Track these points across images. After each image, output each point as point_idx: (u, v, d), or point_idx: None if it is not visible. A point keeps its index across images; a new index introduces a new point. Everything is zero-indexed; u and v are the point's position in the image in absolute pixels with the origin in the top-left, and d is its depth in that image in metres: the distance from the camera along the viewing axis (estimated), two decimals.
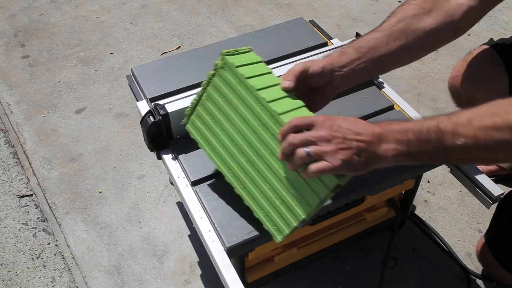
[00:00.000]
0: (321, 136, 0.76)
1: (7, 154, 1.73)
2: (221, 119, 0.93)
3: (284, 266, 1.21)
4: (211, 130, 0.95)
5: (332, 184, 0.80)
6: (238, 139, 0.91)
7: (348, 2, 2.45)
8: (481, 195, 1.10)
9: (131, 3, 2.50)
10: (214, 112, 0.93)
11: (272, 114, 0.84)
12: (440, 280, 1.35)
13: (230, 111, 0.91)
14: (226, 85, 0.90)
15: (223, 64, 0.89)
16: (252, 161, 0.89)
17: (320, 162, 0.76)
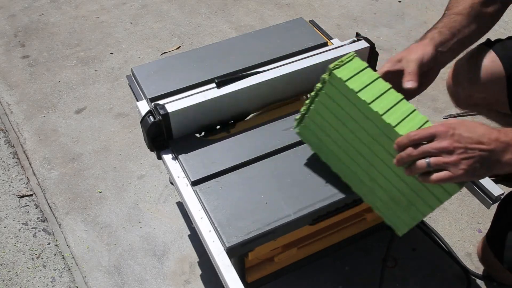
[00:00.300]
0: (443, 147, 0.78)
1: (7, 154, 1.73)
2: (332, 128, 0.97)
3: (284, 266, 1.21)
4: (321, 136, 1.00)
5: (454, 192, 0.83)
6: (351, 147, 0.95)
7: (348, 2, 2.45)
8: (481, 195, 1.10)
9: (131, 3, 2.50)
10: (323, 121, 0.98)
11: (387, 127, 0.86)
12: (440, 280, 1.35)
13: (341, 123, 0.94)
14: (335, 100, 0.93)
15: (331, 79, 0.92)
16: (367, 166, 0.94)
17: (442, 172, 0.78)
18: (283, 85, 1.20)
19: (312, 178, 1.03)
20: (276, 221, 0.96)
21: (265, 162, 1.08)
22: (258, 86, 1.16)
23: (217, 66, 1.25)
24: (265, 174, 1.05)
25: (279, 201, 0.99)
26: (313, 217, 0.99)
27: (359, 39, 1.27)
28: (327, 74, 0.93)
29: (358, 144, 0.94)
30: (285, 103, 1.25)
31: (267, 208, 0.98)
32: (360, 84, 0.89)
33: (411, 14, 2.38)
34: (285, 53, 1.28)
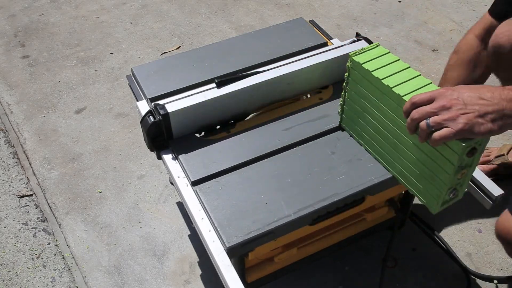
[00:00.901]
0: (441, 105, 0.79)
1: (7, 154, 1.73)
2: (363, 112, 1.03)
3: (284, 266, 1.21)
4: (358, 123, 1.06)
5: (459, 150, 0.82)
6: (379, 127, 1.01)
7: (348, 2, 2.45)
8: (481, 195, 1.10)
9: (131, 3, 2.50)
10: (356, 107, 1.04)
11: (398, 98, 0.91)
12: (440, 280, 1.35)
13: (367, 104, 1.01)
14: (359, 84, 1.00)
15: (352, 65, 1.00)
16: (395, 144, 0.98)
17: (442, 129, 0.79)
18: (283, 85, 1.20)
19: (312, 178, 1.03)
20: (276, 221, 0.96)
21: (265, 162, 1.08)
22: (258, 86, 1.16)
23: (217, 66, 1.25)
24: (265, 174, 1.05)
25: (279, 201, 0.99)
26: (313, 217, 0.99)
27: (359, 39, 1.27)
28: (349, 62, 1.00)
29: (384, 123, 0.99)
30: (285, 103, 1.25)
31: (267, 208, 0.98)
32: (376, 65, 0.96)
33: (411, 14, 2.38)
34: (285, 53, 1.28)
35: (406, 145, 0.96)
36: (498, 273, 1.37)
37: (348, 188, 1.01)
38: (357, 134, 1.09)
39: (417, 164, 0.96)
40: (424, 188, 0.97)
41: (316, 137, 1.13)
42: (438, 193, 0.94)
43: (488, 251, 1.41)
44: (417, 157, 0.95)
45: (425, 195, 0.98)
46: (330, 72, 1.24)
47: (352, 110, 1.06)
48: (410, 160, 0.97)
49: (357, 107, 1.04)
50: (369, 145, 1.07)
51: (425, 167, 0.94)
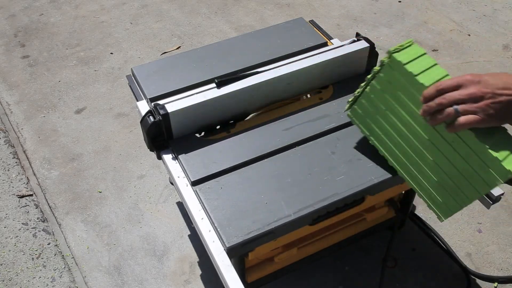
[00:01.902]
0: (471, 93, 0.78)
1: (7, 154, 1.73)
2: (386, 110, 0.99)
3: (284, 266, 1.21)
4: (374, 119, 1.03)
5: (503, 175, 0.83)
6: (404, 130, 0.98)
7: (348, 2, 2.45)
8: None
9: (131, 3, 2.50)
10: (378, 104, 1.00)
11: None
12: (440, 280, 1.35)
13: (397, 105, 0.96)
14: (392, 83, 0.95)
15: (390, 62, 0.94)
16: (417, 149, 0.96)
17: (470, 115, 0.79)
18: (283, 85, 1.20)
19: (312, 178, 1.03)
20: (276, 221, 0.96)
21: (265, 162, 1.08)
22: (258, 86, 1.16)
23: (217, 66, 1.25)
24: (265, 174, 1.05)
25: (279, 201, 0.99)
26: (313, 217, 0.99)
27: (359, 39, 1.27)
28: (386, 57, 0.95)
29: (411, 127, 0.96)
30: (285, 103, 1.25)
31: (267, 208, 0.98)
32: (419, 68, 0.92)
33: (411, 14, 2.38)
34: (285, 53, 1.28)
35: (435, 155, 0.94)
36: (498, 273, 1.37)
37: (348, 188, 1.01)
38: (368, 128, 1.05)
39: (441, 175, 0.94)
40: (440, 197, 0.96)
41: (316, 137, 1.13)
42: (457, 206, 0.93)
43: (488, 251, 1.41)
44: (445, 169, 0.93)
45: (438, 204, 0.97)
46: (330, 72, 1.24)
47: (371, 105, 1.02)
48: (433, 169, 0.95)
49: (380, 104, 1.00)
50: (380, 142, 1.04)
51: (450, 180, 0.93)
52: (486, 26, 2.27)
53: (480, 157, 0.86)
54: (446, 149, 0.92)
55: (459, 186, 0.92)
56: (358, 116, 1.07)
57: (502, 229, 1.47)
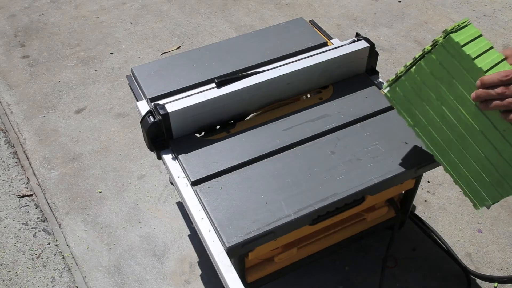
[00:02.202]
0: None
1: (7, 154, 1.73)
2: (431, 93, 0.94)
3: (284, 266, 1.21)
4: (415, 101, 0.97)
5: None
6: (449, 115, 0.93)
7: (348, 2, 2.45)
8: None
9: (131, 3, 2.50)
10: (422, 86, 0.95)
11: None
12: (440, 280, 1.35)
13: (445, 88, 0.91)
14: (444, 64, 0.90)
15: (446, 43, 0.88)
16: (461, 136, 0.93)
17: None
18: (283, 85, 1.20)
19: (312, 178, 1.03)
20: (276, 221, 0.96)
21: (265, 162, 1.08)
22: (258, 86, 1.16)
23: (217, 66, 1.25)
24: (265, 174, 1.05)
25: (279, 201, 0.99)
26: (313, 217, 0.99)
27: (359, 39, 1.27)
28: (441, 37, 0.89)
29: (458, 112, 0.91)
30: (285, 103, 1.25)
31: (267, 208, 0.98)
32: (476, 51, 0.87)
33: (411, 14, 2.38)
34: (285, 53, 1.28)
35: (481, 143, 0.90)
36: (498, 273, 1.37)
37: (348, 188, 1.01)
38: (405, 109, 1.00)
39: (486, 164, 0.91)
40: (480, 186, 0.94)
41: (316, 137, 1.13)
42: (498, 196, 0.92)
43: (488, 251, 1.41)
44: (491, 158, 0.90)
45: (477, 193, 0.95)
46: (330, 72, 1.24)
47: (414, 86, 0.96)
48: (478, 157, 0.92)
49: (424, 86, 0.95)
50: (419, 125, 0.99)
51: (495, 170, 0.90)
52: (486, 26, 2.27)
53: None
54: (496, 138, 0.88)
55: (505, 176, 0.89)
56: (396, 97, 1.00)
57: (502, 229, 1.47)
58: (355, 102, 1.21)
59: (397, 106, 1.01)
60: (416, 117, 0.99)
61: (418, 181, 1.26)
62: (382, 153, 1.08)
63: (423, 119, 0.98)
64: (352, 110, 1.18)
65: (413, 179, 1.22)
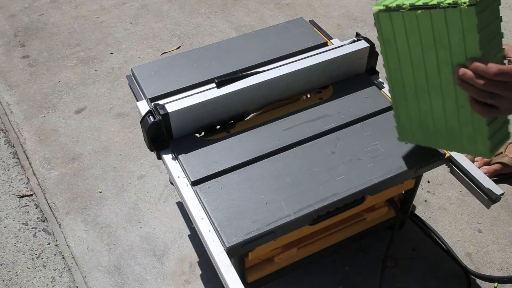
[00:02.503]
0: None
1: (7, 154, 1.73)
2: (421, 41, 0.91)
3: (284, 266, 1.21)
4: (400, 36, 0.94)
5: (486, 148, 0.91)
6: (425, 68, 0.92)
7: (348, 2, 2.45)
8: (481, 195, 1.10)
9: (131, 3, 2.50)
10: (416, 29, 0.90)
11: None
12: (440, 280, 1.35)
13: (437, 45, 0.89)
14: (452, 27, 0.85)
15: (465, 11, 0.82)
16: (423, 89, 0.95)
17: (493, 110, 0.79)
18: (283, 85, 1.20)
19: (312, 178, 1.03)
20: (276, 221, 0.96)
21: (265, 162, 1.08)
22: (258, 86, 1.16)
23: (217, 66, 1.25)
24: (265, 174, 1.05)
25: (279, 201, 0.99)
26: (313, 217, 0.99)
27: (359, 39, 1.27)
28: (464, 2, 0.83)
29: (434, 71, 0.91)
30: (285, 103, 1.25)
31: (267, 208, 0.98)
32: (486, 36, 0.85)
33: None
34: (285, 53, 1.28)
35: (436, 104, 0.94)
36: (498, 273, 1.37)
37: (348, 188, 1.01)
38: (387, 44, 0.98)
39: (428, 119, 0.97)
40: (411, 128, 1.01)
41: (316, 137, 1.13)
42: (421, 141, 0.99)
43: (488, 251, 1.41)
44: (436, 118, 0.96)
45: (405, 130, 1.02)
46: (330, 72, 1.24)
47: (409, 27, 0.92)
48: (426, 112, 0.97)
49: (419, 35, 0.91)
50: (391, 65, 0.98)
51: (432, 124, 0.96)
52: None
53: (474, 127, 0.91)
54: (450, 108, 0.92)
55: (437, 132, 0.96)
56: (385, 23, 0.95)
57: (502, 229, 1.47)
58: (355, 102, 1.21)
59: (381, 32, 0.97)
60: (392, 51, 0.97)
61: (418, 181, 1.26)
62: (382, 153, 1.08)
63: (398, 57, 0.96)
64: (352, 110, 1.18)
65: (413, 179, 1.22)
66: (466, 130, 0.93)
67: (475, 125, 0.91)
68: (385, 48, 0.97)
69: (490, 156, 0.94)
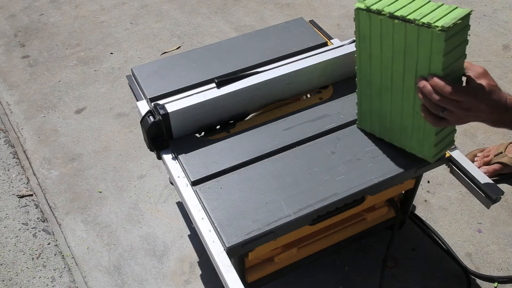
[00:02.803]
0: (463, 108, 0.87)
1: (7, 154, 1.73)
2: (392, 46, 0.96)
3: (284, 266, 1.21)
4: (374, 37, 1.00)
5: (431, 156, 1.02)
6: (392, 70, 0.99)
7: (348, 2, 2.45)
8: (481, 195, 1.10)
9: (131, 3, 2.50)
10: (390, 36, 0.96)
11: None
12: (440, 280, 1.35)
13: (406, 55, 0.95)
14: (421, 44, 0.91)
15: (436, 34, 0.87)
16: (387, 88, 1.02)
17: (442, 121, 0.90)
18: (283, 85, 1.20)
19: (312, 178, 1.03)
20: (276, 221, 0.96)
21: (265, 162, 1.08)
22: (258, 86, 1.16)
23: (217, 66, 1.25)
24: (265, 174, 1.05)
25: (279, 201, 0.99)
26: (313, 217, 0.99)
27: None
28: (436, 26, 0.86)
29: (400, 75, 0.98)
30: (285, 103, 1.25)
31: (267, 208, 0.98)
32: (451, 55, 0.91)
33: None
34: (285, 53, 1.28)
35: (396, 105, 1.02)
36: (498, 273, 1.37)
37: (348, 188, 1.01)
38: (362, 39, 1.05)
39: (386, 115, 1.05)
40: (369, 118, 1.09)
41: (316, 137, 1.13)
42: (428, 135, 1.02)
43: (488, 251, 1.41)
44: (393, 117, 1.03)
45: (365, 119, 1.10)
46: (330, 72, 1.24)
47: (384, 33, 0.97)
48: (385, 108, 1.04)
49: (391, 41, 0.96)
50: (362, 61, 1.07)
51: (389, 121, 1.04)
52: (486, 26, 2.27)
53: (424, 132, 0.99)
54: (407, 113, 1.00)
55: (391, 129, 1.05)
56: (363, 20, 1.02)
57: (502, 229, 1.47)
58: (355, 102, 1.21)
59: (358, 27, 1.03)
60: (365, 47, 1.03)
61: (418, 181, 1.26)
62: (382, 153, 1.08)
63: (370, 54, 1.02)
64: (352, 110, 1.18)
65: (413, 179, 1.22)
66: (416, 133, 1.01)
67: (425, 131, 1.00)
68: (359, 43, 1.05)
69: (432, 161, 1.04)
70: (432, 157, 1.03)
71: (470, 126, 1.78)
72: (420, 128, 1.00)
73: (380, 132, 1.10)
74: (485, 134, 1.76)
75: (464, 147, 1.71)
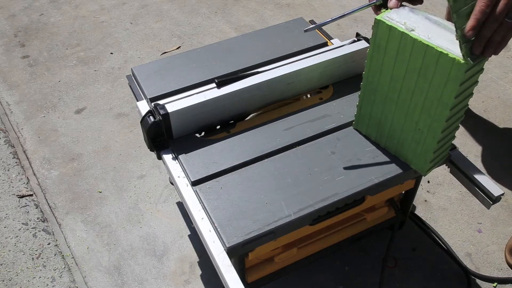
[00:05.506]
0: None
1: (7, 154, 1.73)
2: (408, 64, 0.95)
3: (284, 266, 1.21)
4: (390, 51, 0.97)
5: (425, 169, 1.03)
6: (403, 85, 0.98)
7: (348, 2, 2.45)
8: (481, 195, 1.10)
9: (131, 3, 2.50)
10: (407, 52, 0.94)
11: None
12: (440, 280, 1.35)
13: (421, 74, 0.94)
14: (439, 67, 0.90)
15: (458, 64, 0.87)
16: (392, 100, 1.01)
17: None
18: (283, 85, 1.20)
19: (312, 178, 1.03)
20: (276, 221, 0.96)
21: (265, 162, 1.08)
22: (258, 86, 1.16)
23: (217, 66, 1.25)
24: (265, 174, 1.05)
25: (279, 201, 0.99)
26: (313, 217, 0.99)
27: (359, 39, 1.27)
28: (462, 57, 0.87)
29: (410, 91, 0.97)
30: (285, 103, 1.25)
31: (267, 208, 0.98)
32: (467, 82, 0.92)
33: None
34: (285, 53, 1.28)
35: (398, 118, 1.02)
36: (498, 273, 1.37)
37: (348, 188, 1.01)
38: (376, 49, 1.00)
39: (388, 126, 1.05)
40: (372, 127, 1.08)
41: (316, 137, 1.13)
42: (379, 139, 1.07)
43: (488, 251, 1.41)
44: (396, 129, 1.03)
45: (363, 121, 1.10)
46: (330, 72, 1.24)
47: (402, 48, 0.96)
48: (390, 120, 1.04)
49: (408, 58, 0.95)
50: (372, 70, 1.03)
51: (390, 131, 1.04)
52: None
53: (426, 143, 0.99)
54: (409, 127, 1.00)
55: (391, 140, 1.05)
56: (382, 32, 0.97)
57: (502, 229, 1.47)
58: (355, 102, 1.21)
59: (375, 36, 0.98)
60: (378, 57, 0.99)
61: (418, 181, 1.26)
62: (382, 153, 1.08)
63: (382, 65, 0.99)
64: (352, 110, 1.18)
65: (413, 179, 1.22)
66: (414, 147, 1.02)
67: (424, 147, 1.00)
68: (373, 52, 1.01)
69: (425, 175, 1.05)
70: (426, 171, 1.04)
71: (470, 126, 1.79)
72: (420, 144, 1.00)
73: (376, 137, 1.10)
74: (485, 134, 1.76)
75: (464, 147, 1.71)
